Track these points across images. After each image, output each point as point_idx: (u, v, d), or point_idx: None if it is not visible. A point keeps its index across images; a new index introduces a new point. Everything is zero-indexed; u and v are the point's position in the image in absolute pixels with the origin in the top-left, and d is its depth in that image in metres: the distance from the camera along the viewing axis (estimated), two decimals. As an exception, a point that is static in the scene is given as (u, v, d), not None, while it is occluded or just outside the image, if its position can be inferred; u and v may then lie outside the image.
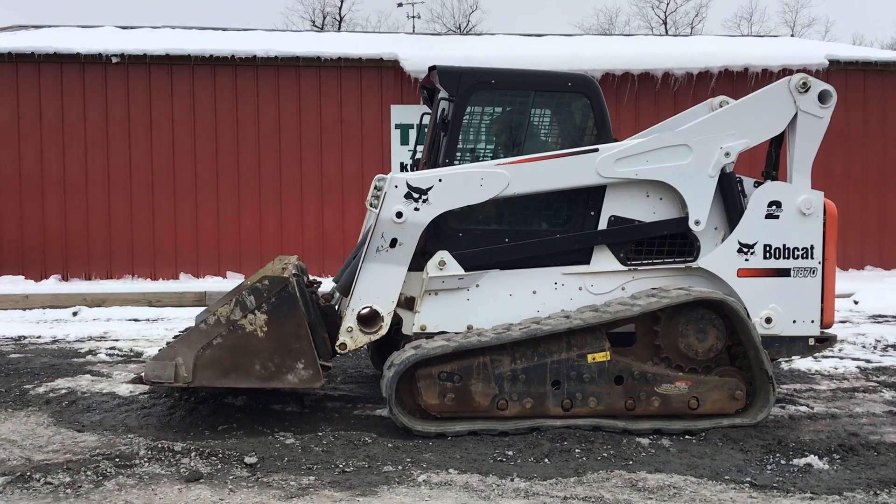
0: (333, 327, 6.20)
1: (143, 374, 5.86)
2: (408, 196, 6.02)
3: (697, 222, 6.22)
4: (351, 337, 6.13)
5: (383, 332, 6.14)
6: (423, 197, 6.03)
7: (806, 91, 6.21)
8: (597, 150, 6.19)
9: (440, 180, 6.07)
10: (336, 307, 6.61)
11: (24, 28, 18.81)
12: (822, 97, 6.23)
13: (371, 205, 6.06)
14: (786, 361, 8.18)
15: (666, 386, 5.88)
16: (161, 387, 6.06)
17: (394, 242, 6.04)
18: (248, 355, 5.78)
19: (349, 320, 6.11)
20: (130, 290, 13.55)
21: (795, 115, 6.24)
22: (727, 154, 6.19)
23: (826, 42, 27.41)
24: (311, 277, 7.53)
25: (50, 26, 19.30)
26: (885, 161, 16.52)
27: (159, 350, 6.05)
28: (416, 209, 6.03)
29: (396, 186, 6.02)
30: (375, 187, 6.05)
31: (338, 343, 6.13)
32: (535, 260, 6.30)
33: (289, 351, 5.81)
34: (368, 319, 6.10)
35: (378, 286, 6.08)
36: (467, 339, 5.80)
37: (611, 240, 6.31)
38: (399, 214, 5.99)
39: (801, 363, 8.24)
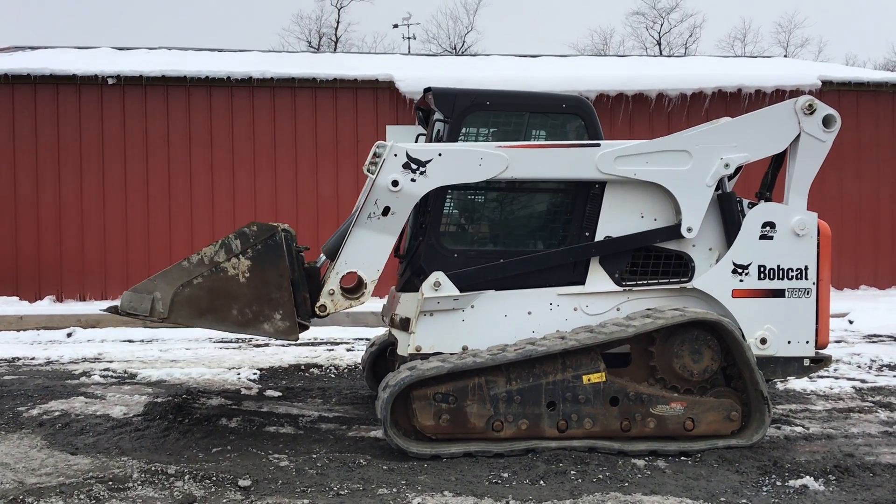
0: (316, 289, 6.19)
1: (119, 304, 5.80)
2: (406, 166, 6.05)
3: (690, 229, 6.22)
4: (332, 300, 6.15)
5: (365, 299, 6.18)
6: (422, 169, 6.06)
7: (811, 113, 6.25)
8: (598, 145, 6.23)
9: (440, 154, 6.10)
10: (320, 270, 6.56)
11: (21, 49, 18.89)
12: (827, 121, 6.26)
13: (368, 171, 6.08)
14: (781, 381, 8.18)
15: (661, 407, 5.87)
16: (136, 318, 5.94)
17: (386, 211, 6.07)
18: (226, 299, 5.75)
19: (332, 283, 6.12)
20: (125, 310, 13.50)
21: (798, 136, 6.27)
22: (726, 165, 6.22)
23: (819, 63, 27.61)
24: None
25: (46, 47, 19.40)
26: (878, 181, 16.60)
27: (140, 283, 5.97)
28: (413, 180, 6.05)
29: (396, 155, 6.06)
30: (375, 154, 6.08)
31: (318, 304, 6.14)
32: (530, 280, 6.30)
33: (268, 300, 5.78)
34: (352, 286, 6.09)
35: (365, 253, 6.11)
36: (462, 360, 5.79)
37: (604, 251, 6.31)
38: (395, 183, 6.01)
39: (797, 383, 8.24)
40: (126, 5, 65.33)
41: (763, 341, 6.20)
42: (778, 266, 6.24)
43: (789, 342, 6.24)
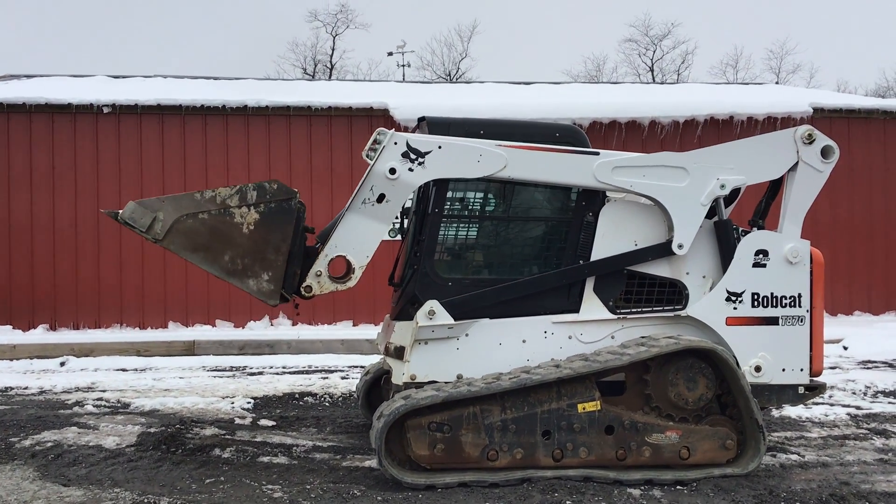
0: (308, 270, 6.17)
1: (121, 211, 5.78)
2: (405, 155, 6.08)
3: (681, 246, 6.23)
4: (318, 281, 6.14)
5: (351, 284, 6.16)
6: (420, 160, 6.09)
7: (811, 143, 6.30)
8: (597, 153, 6.26)
9: (440, 147, 6.13)
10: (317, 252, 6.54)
11: (17, 77, 18.96)
12: (825, 152, 6.31)
13: (367, 156, 6.10)
14: (776, 409, 8.16)
15: (657, 435, 5.86)
16: (132, 230, 5.87)
17: (381, 198, 6.08)
18: (223, 243, 5.74)
19: (320, 264, 6.12)
20: (119, 339, 13.48)
21: (796, 164, 6.31)
22: (722, 186, 6.25)
23: (811, 89, 27.78)
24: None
25: (42, 76, 19.46)
26: (870, 207, 16.69)
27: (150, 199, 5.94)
28: (411, 169, 6.08)
29: (396, 143, 6.09)
30: (375, 140, 6.10)
31: (304, 285, 6.12)
32: (525, 308, 6.30)
33: (262, 258, 5.78)
34: (340, 274, 6.09)
35: (356, 237, 6.12)
36: (457, 389, 5.77)
37: (597, 271, 6.31)
38: (392, 171, 6.04)
39: (792, 410, 8.22)
40: (122, 33, 65.68)
41: (757, 369, 6.19)
42: (771, 294, 6.25)
43: (784, 370, 6.24)
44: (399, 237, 7.25)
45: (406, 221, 7.17)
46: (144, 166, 15.30)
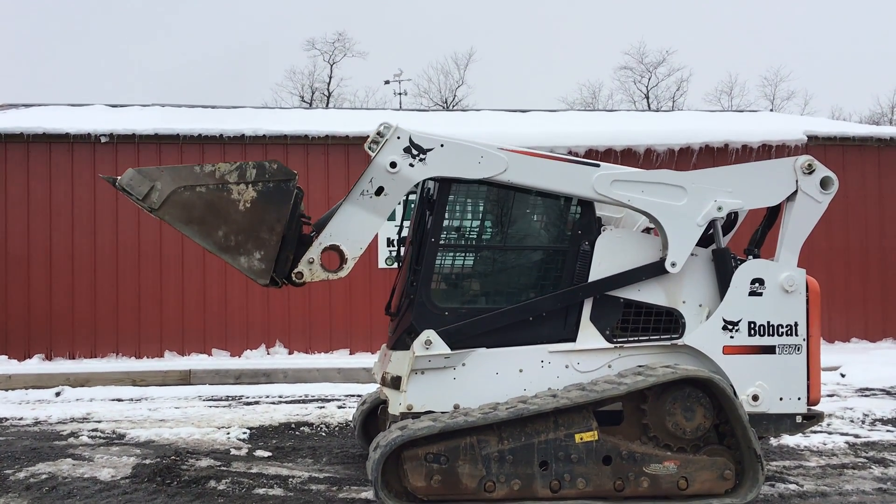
0: (301, 257, 6.16)
1: (119, 177, 5.74)
2: (407, 150, 6.12)
3: (674, 264, 6.24)
4: (310, 269, 6.13)
5: (342, 274, 6.15)
6: (422, 156, 6.12)
7: (810, 173, 6.34)
8: (598, 165, 6.30)
9: (442, 145, 6.17)
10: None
11: (14, 107, 19.02)
12: (825, 183, 6.35)
13: (370, 148, 6.12)
14: (774, 438, 8.13)
15: (654, 466, 5.83)
16: (129, 197, 5.85)
17: (380, 191, 6.10)
18: (219, 218, 5.75)
19: (313, 252, 6.12)
20: (114, 368, 13.42)
21: (795, 193, 6.34)
22: (719, 208, 6.28)
23: (805, 116, 28.00)
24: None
25: (40, 105, 19.53)
26: (866, 234, 16.72)
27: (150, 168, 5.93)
28: (411, 165, 6.11)
29: (399, 138, 6.13)
30: (379, 133, 6.13)
31: (295, 271, 6.11)
32: (522, 337, 6.29)
33: (256, 237, 5.78)
34: (333, 260, 6.08)
35: (352, 228, 6.12)
36: (454, 420, 5.75)
37: (591, 293, 6.31)
38: (393, 164, 6.07)
39: (790, 438, 8.19)
40: (120, 61, 66.04)
41: (755, 398, 6.19)
42: (768, 322, 6.26)
43: (781, 399, 6.23)
44: (396, 265, 7.26)
45: (402, 250, 7.18)
46: (141, 195, 15.29)
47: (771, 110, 43.88)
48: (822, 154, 15.87)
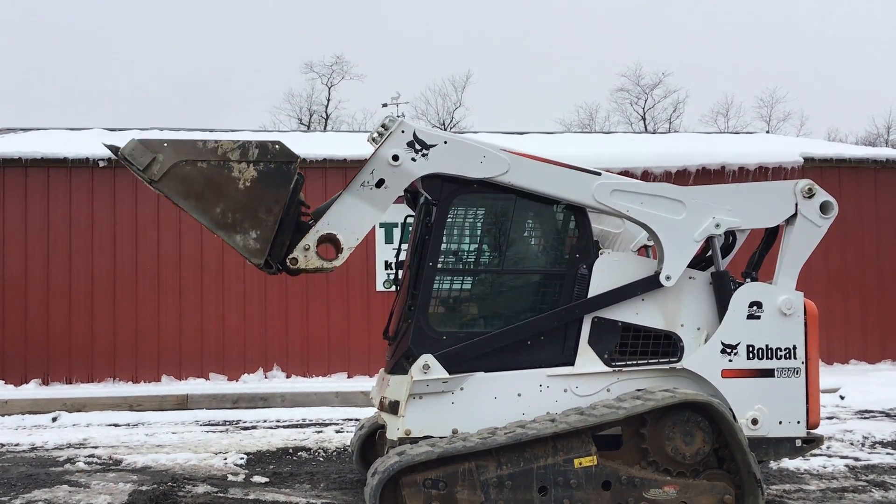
0: (297, 243, 6.12)
1: (122, 146, 5.72)
2: (410, 144, 6.12)
3: (668, 278, 6.23)
4: (305, 255, 6.09)
5: (337, 263, 6.12)
6: (425, 151, 6.13)
7: (810, 197, 6.35)
8: (599, 174, 6.31)
9: (445, 142, 6.18)
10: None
11: (13, 131, 19.08)
12: (824, 207, 6.36)
13: (374, 140, 6.13)
14: (774, 462, 8.10)
15: (654, 491, 5.80)
16: (129, 167, 5.81)
17: (380, 183, 6.09)
18: (217, 195, 5.74)
19: (309, 239, 6.09)
20: (111, 393, 13.38)
21: (794, 216, 6.35)
22: (717, 225, 6.29)
23: (801, 138, 28.12)
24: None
25: (39, 129, 19.58)
26: (863, 256, 16.75)
27: (152, 139, 5.90)
28: (413, 159, 6.11)
29: (403, 132, 6.14)
30: (383, 125, 6.15)
31: (290, 256, 6.07)
32: (520, 361, 6.27)
33: (253, 216, 5.76)
34: (329, 250, 6.07)
35: (350, 218, 6.10)
36: (452, 445, 5.72)
37: (587, 310, 6.29)
38: (396, 157, 6.07)
39: (790, 462, 8.15)
40: (119, 84, 66.32)
41: (754, 422, 6.16)
42: (766, 346, 6.25)
43: (780, 422, 6.21)
44: (394, 288, 7.25)
45: (400, 273, 7.17)
46: (139, 220, 15.31)
47: (767, 131, 44.10)
48: (818, 176, 15.92)
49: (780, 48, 67.86)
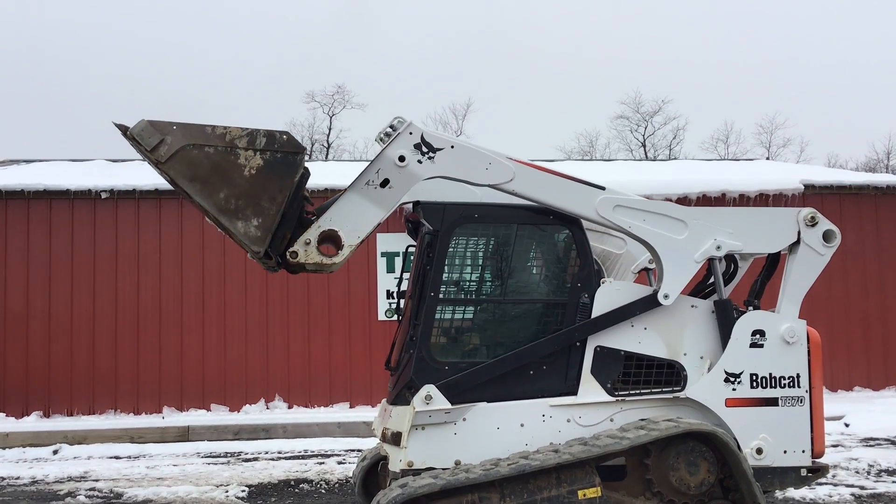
0: (298, 237, 6.09)
1: (131, 126, 5.70)
2: (417, 146, 6.12)
3: (666, 296, 6.22)
4: (305, 250, 6.05)
5: (337, 260, 6.07)
6: (431, 154, 6.13)
7: (813, 226, 6.35)
8: (604, 188, 6.31)
9: (452, 147, 6.18)
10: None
11: (16, 163, 19.15)
12: (827, 236, 6.36)
13: (381, 140, 6.12)
14: (779, 491, 8.03)
15: (659, 522, 5.75)
16: (136, 148, 5.77)
17: (385, 182, 6.08)
18: (222, 181, 5.72)
19: (311, 233, 6.06)
20: (112, 425, 13.31)
21: (796, 244, 6.35)
22: (718, 247, 6.29)
23: (801, 164, 28.17)
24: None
25: (41, 160, 19.66)
26: (865, 282, 16.71)
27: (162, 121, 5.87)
28: (420, 161, 6.11)
29: (411, 133, 6.13)
30: (391, 126, 6.13)
31: (291, 249, 6.03)
32: (522, 391, 6.24)
33: (256, 204, 5.74)
34: (330, 242, 6.04)
35: (353, 216, 6.09)
36: (455, 477, 5.68)
37: (587, 332, 6.27)
38: (402, 158, 6.07)
39: (795, 492, 8.08)
40: (121, 115, 66.51)
41: (759, 451, 6.12)
42: (770, 374, 6.21)
43: (785, 451, 6.16)
44: (395, 318, 7.23)
45: (402, 303, 7.16)
46: (141, 251, 15.33)
47: (767, 158, 44.20)
48: (819, 203, 15.95)
49: (779, 74, 68.26)
